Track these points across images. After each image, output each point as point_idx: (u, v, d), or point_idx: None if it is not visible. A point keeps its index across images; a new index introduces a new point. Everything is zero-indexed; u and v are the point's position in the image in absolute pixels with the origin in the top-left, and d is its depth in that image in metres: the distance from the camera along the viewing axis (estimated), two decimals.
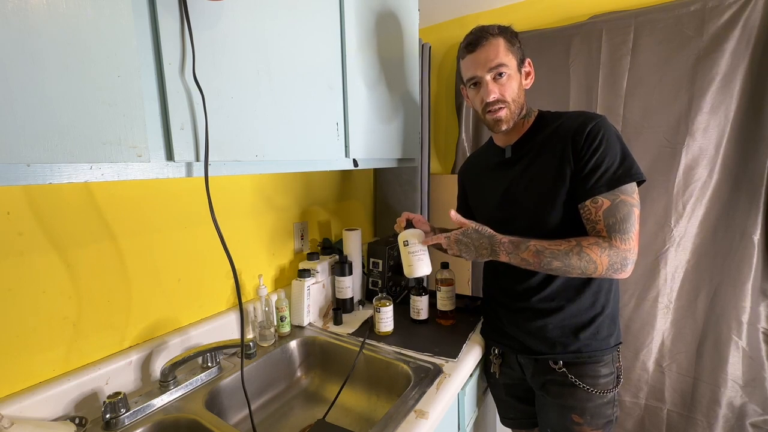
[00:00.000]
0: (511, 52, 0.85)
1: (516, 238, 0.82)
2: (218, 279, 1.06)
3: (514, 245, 0.81)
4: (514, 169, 0.92)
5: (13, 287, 0.70)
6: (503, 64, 0.83)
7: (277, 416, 1.00)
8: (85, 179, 0.50)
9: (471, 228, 0.85)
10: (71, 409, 0.76)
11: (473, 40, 0.85)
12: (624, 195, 0.78)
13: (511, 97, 0.85)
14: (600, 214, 0.78)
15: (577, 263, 0.77)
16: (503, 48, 0.84)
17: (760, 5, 1.14)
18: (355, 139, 0.98)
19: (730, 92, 1.20)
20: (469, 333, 1.10)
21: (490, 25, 0.86)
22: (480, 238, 0.84)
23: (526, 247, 0.80)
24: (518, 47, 0.87)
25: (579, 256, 0.77)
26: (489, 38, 0.84)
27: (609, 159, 0.78)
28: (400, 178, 1.62)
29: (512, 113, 0.87)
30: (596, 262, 0.77)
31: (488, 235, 0.83)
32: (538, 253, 0.79)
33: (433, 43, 1.67)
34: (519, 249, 0.80)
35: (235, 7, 0.66)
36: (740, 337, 1.25)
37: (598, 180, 0.78)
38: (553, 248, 0.78)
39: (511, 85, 0.85)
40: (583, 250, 0.77)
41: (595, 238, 0.78)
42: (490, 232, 0.84)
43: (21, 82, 0.42)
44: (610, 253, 0.77)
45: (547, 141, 0.87)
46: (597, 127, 0.80)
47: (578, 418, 0.88)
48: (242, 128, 0.69)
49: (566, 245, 0.78)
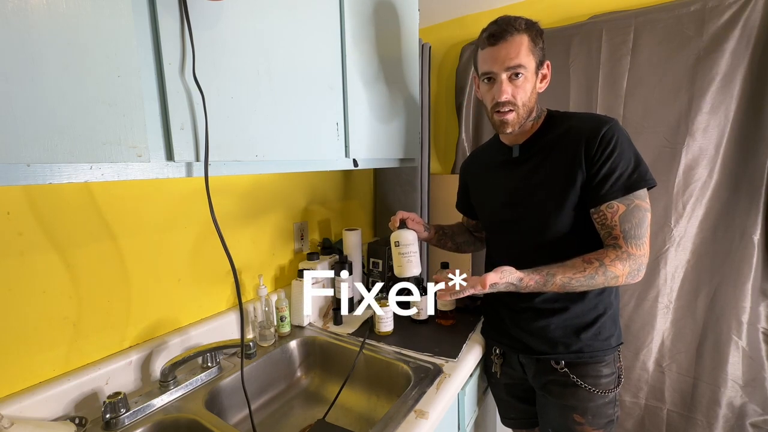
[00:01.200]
0: (533, 53, 0.80)
1: (540, 277, 0.77)
2: (218, 279, 1.06)
3: (540, 285, 0.78)
4: (522, 169, 0.90)
5: (13, 287, 0.70)
6: (522, 65, 0.79)
7: (277, 416, 1.00)
8: (85, 179, 0.50)
9: (501, 284, 0.77)
10: (71, 409, 0.76)
11: (496, 32, 0.79)
12: (638, 200, 0.77)
13: (522, 100, 0.82)
14: (616, 219, 0.78)
15: (602, 281, 0.77)
16: (526, 47, 0.79)
17: (760, 5, 1.14)
18: (355, 139, 0.98)
19: (730, 92, 1.20)
20: (469, 333, 1.10)
21: (517, 18, 0.80)
22: (507, 287, 0.78)
23: (552, 283, 0.77)
24: (541, 47, 0.82)
25: (604, 275, 0.77)
26: (513, 33, 0.78)
27: (623, 164, 0.77)
28: (400, 178, 1.62)
29: (520, 117, 0.84)
30: (618, 275, 0.77)
31: (515, 283, 0.78)
32: (564, 285, 0.77)
33: (433, 43, 1.66)
34: (545, 287, 0.78)
35: (235, 7, 0.66)
36: (740, 337, 1.25)
37: (613, 185, 0.77)
38: (578, 276, 0.77)
39: (525, 87, 0.81)
40: (607, 269, 0.76)
41: (614, 252, 0.78)
42: (517, 277, 0.77)
43: (21, 82, 0.42)
44: (630, 263, 0.77)
45: (556, 143, 0.85)
46: (611, 132, 0.78)
47: (580, 418, 0.88)
48: (242, 128, 0.69)
49: (590, 269, 0.77)
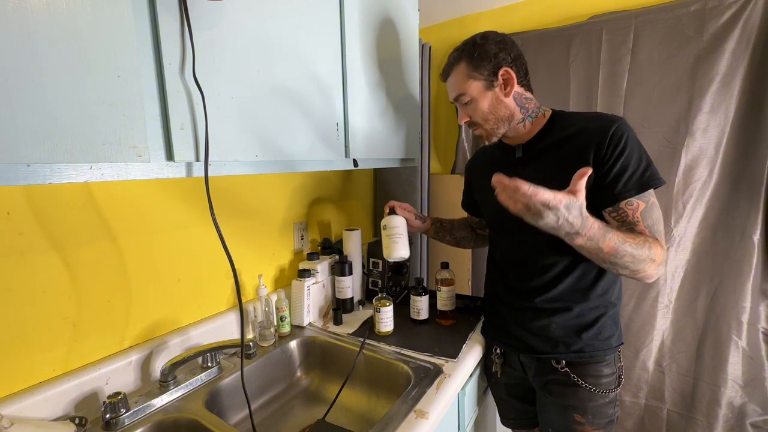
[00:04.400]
0: (473, 77, 0.84)
1: (601, 227, 0.71)
2: (218, 279, 1.06)
3: (600, 235, 0.71)
4: (525, 169, 0.90)
5: (13, 287, 0.70)
6: (462, 94, 0.86)
7: (277, 416, 1.00)
8: (85, 179, 0.50)
9: (560, 208, 0.65)
10: (71, 409, 0.76)
11: (443, 70, 0.91)
12: (653, 198, 0.78)
13: (482, 117, 0.87)
14: (638, 215, 0.77)
15: (647, 255, 0.73)
16: (462, 76, 0.85)
17: (760, 5, 1.14)
18: (355, 139, 0.98)
19: (730, 92, 1.20)
20: (470, 333, 1.10)
21: (456, 48, 0.88)
22: (561, 224, 0.67)
23: (609, 238, 0.71)
24: (488, 63, 0.83)
25: (649, 251, 0.74)
26: (453, 67, 0.88)
27: (635, 162, 0.77)
28: (400, 178, 1.62)
29: (490, 130, 0.88)
30: (655, 259, 0.74)
31: (584, 216, 0.68)
32: (616, 247, 0.72)
33: (433, 43, 1.66)
34: (603, 240, 0.71)
35: (235, 7, 0.66)
36: (740, 337, 1.25)
37: (627, 183, 0.77)
38: (630, 241, 0.73)
39: (478, 107, 0.86)
40: (651, 246, 0.74)
41: (652, 237, 0.76)
42: (586, 213, 0.68)
43: (21, 82, 0.42)
44: (662, 252, 0.76)
45: (562, 142, 0.85)
46: (620, 130, 0.78)
47: (580, 418, 0.88)
48: (242, 128, 0.69)
49: (641, 239, 0.74)
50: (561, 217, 0.65)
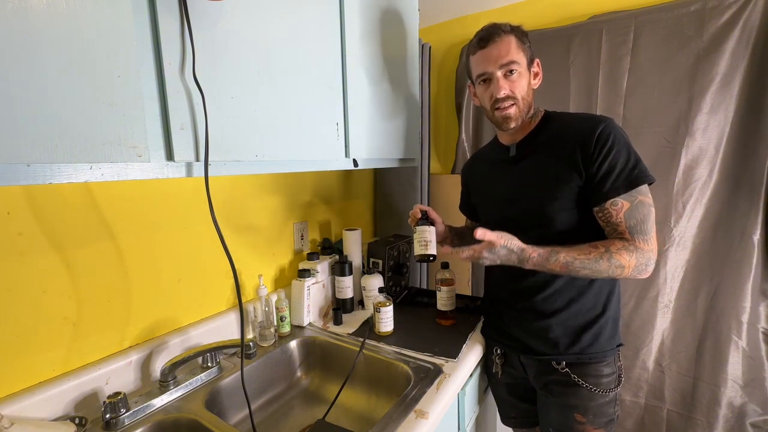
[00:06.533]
0: (522, 50, 0.85)
1: (545, 251, 0.79)
2: (218, 279, 1.06)
3: (543, 259, 0.79)
4: (519, 167, 0.92)
5: (13, 287, 0.70)
6: (514, 61, 0.84)
7: (277, 416, 1.00)
8: (85, 179, 0.50)
9: (500, 245, 0.79)
10: (71, 409, 0.76)
11: (485, 36, 0.85)
12: (641, 196, 0.78)
13: (521, 94, 0.86)
14: (621, 216, 0.78)
15: (606, 268, 0.77)
16: (515, 45, 0.84)
17: (760, 5, 1.14)
18: (355, 139, 0.98)
19: (729, 92, 1.20)
20: (470, 333, 1.10)
21: (502, 23, 0.86)
22: (509, 254, 0.80)
23: (555, 259, 0.78)
24: (528, 46, 0.87)
25: (609, 262, 0.77)
26: (501, 35, 0.84)
27: (622, 160, 0.78)
28: (400, 178, 1.62)
29: (521, 111, 0.87)
30: (624, 265, 0.77)
31: (517, 251, 0.80)
32: (567, 264, 0.78)
33: (433, 43, 1.67)
34: (548, 262, 0.79)
35: (235, 7, 0.66)
36: (740, 337, 1.25)
37: (614, 182, 0.78)
38: (582, 258, 0.78)
39: (521, 82, 0.85)
40: (612, 256, 0.77)
41: (621, 242, 0.78)
42: (519, 247, 0.80)
43: (21, 82, 0.42)
44: (636, 256, 0.77)
45: (553, 141, 0.87)
46: (607, 129, 0.79)
47: (581, 417, 0.88)
48: (242, 128, 0.69)
49: (596, 253, 0.78)
50: (501, 255, 0.80)
